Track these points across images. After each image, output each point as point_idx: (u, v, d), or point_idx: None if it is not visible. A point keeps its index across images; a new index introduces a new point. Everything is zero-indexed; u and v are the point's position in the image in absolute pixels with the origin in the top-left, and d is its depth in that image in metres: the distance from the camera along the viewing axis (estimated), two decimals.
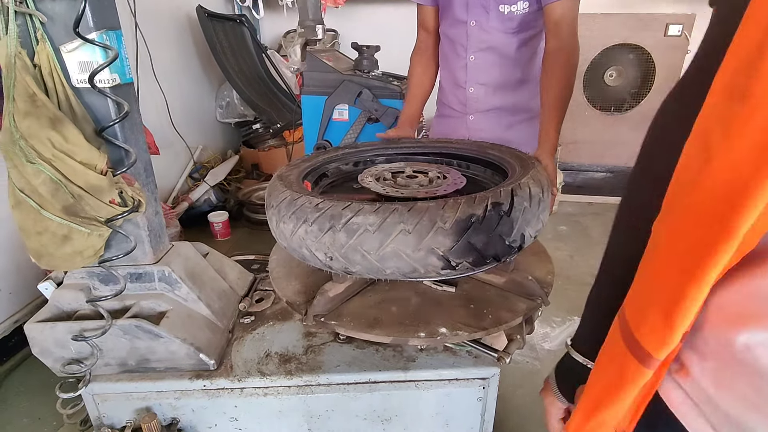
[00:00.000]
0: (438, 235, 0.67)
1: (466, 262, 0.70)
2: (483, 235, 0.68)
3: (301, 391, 0.93)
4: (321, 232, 0.70)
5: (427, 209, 0.67)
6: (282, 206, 0.76)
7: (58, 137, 0.74)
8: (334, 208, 0.70)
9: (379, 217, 0.67)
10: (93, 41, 0.76)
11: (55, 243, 0.83)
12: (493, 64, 1.32)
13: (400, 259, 0.68)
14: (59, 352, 0.90)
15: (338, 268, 0.73)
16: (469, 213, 0.67)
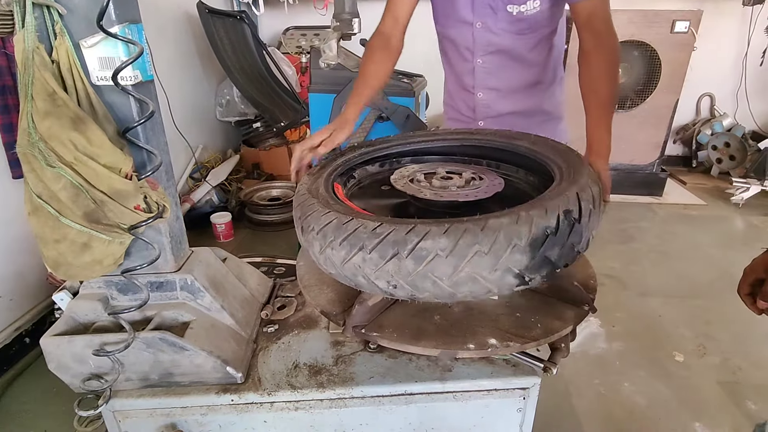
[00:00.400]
0: (515, 253, 0.62)
1: (540, 276, 0.66)
2: (557, 247, 0.65)
3: (334, 405, 0.88)
4: (383, 260, 0.64)
5: (501, 227, 0.62)
6: (328, 231, 0.69)
7: (81, 139, 0.68)
8: (396, 232, 0.63)
9: (451, 240, 0.61)
10: (116, 35, 0.71)
11: (74, 251, 0.78)
12: (503, 67, 1.23)
13: (476, 283, 0.63)
14: (78, 368, 0.84)
15: (402, 296, 0.68)
16: (543, 226, 0.63)
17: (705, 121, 4.09)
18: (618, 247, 2.82)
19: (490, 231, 0.62)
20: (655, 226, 3.15)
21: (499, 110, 1.30)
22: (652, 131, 3.46)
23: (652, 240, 2.94)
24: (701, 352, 1.88)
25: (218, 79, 3.52)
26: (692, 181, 3.96)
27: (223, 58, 3.00)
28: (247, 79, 3.16)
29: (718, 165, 3.94)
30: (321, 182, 0.89)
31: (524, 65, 1.22)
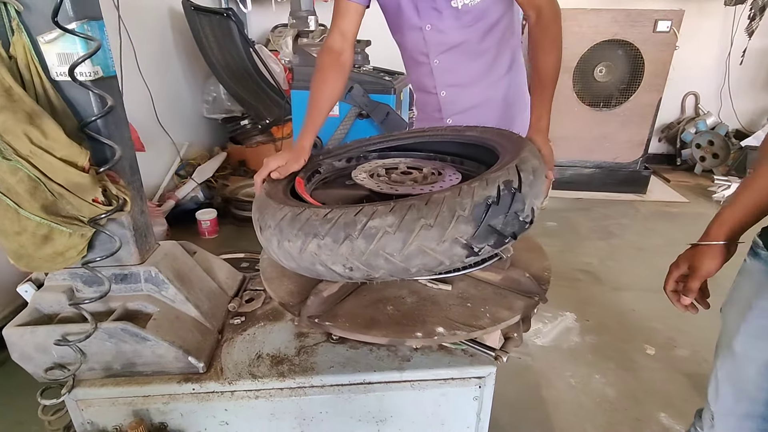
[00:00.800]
0: (460, 224, 0.65)
1: (488, 246, 0.69)
2: (501, 216, 0.68)
3: (294, 393, 0.91)
4: (336, 244, 0.66)
5: (444, 199, 0.65)
6: (284, 224, 0.71)
7: (36, 132, 0.70)
8: (345, 215, 0.66)
9: (397, 216, 0.64)
10: (73, 31, 0.73)
11: (35, 243, 0.80)
12: (458, 63, 1.24)
13: (426, 255, 0.66)
14: (40, 358, 0.86)
15: (359, 277, 0.70)
16: (485, 196, 0.66)
17: (689, 119, 4.14)
18: (597, 244, 2.86)
19: (433, 204, 0.65)
20: (636, 223, 3.20)
21: (464, 105, 1.32)
22: (635, 129, 3.50)
23: (631, 237, 2.98)
24: (672, 345, 1.92)
25: (205, 76, 3.52)
26: (676, 179, 4.01)
27: (208, 55, 3.01)
28: (233, 77, 3.17)
29: (702, 163, 3.99)
30: (280, 187, 0.91)
31: (478, 57, 1.23)
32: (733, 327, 0.84)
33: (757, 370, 0.80)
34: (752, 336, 0.80)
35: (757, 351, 0.80)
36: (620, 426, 1.53)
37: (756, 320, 0.79)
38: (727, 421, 0.87)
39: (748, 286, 0.81)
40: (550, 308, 2.15)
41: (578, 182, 3.67)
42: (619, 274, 2.49)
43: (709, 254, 0.84)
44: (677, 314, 2.02)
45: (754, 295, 0.79)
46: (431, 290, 0.87)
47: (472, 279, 0.90)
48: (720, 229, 0.84)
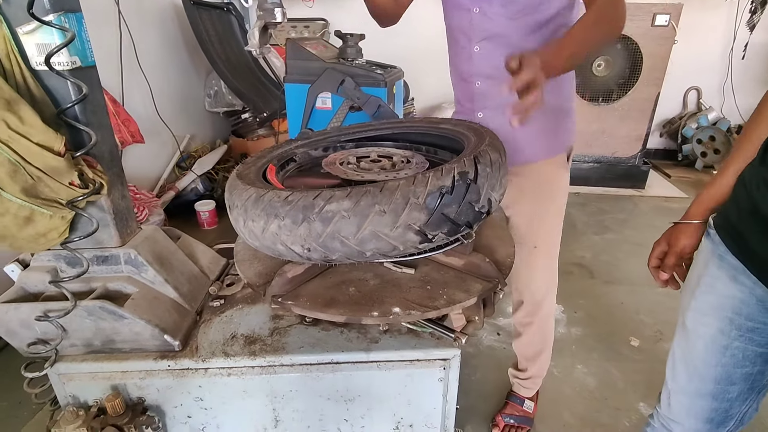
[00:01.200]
0: (413, 210, 0.68)
1: (442, 233, 0.72)
2: (455, 205, 0.70)
3: (265, 372, 0.95)
4: (295, 225, 0.70)
5: (398, 187, 0.68)
6: (248, 205, 0.75)
7: (13, 118, 0.74)
8: (305, 198, 0.69)
9: (353, 201, 0.67)
10: (49, 23, 0.77)
11: (18, 225, 0.84)
12: (499, 54, 1.18)
13: (380, 240, 0.69)
14: (25, 333, 0.91)
15: (318, 259, 0.73)
16: (438, 185, 0.69)
17: (691, 114, 4.11)
18: (592, 238, 2.86)
19: (388, 191, 0.68)
20: (633, 218, 3.19)
21: (497, 100, 1.25)
22: (634, 124, 3.49)
23: (628, 231, 2.98)
24: (657, 337, 1.93)
25: (207, 70, 3.57)
26: (676, 174, 3.99)
27: (208, 49, 3.05)
28: (233, 71, 3.21)
29: (703, 159, 3.96)
30: (253, 168, 0.95)
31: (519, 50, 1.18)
32: (684, 303, 0.86)
33: (704, 346, 0.82)
34: (700, 312, 0.82)
35: (703, 327, 0.82)
36: (598, 414, 1.55)
37: (702, 296, 0.82)
38: (681, 399, 0.90)
39: (699, 264, 0.84)
40: None
41: (576, 177, 3.67)
42: (612, 269, 2.50)
43: (685, 232, 0.89)
44: (666, 307, 2.05)
45: (702, 272, 0.81)
46: (395, 273, 0.91)
47: (435, 263, 0.93)
48: (698, 208, 0.88)
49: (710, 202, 0.86)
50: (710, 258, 0.80)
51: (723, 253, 0.78)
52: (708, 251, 0.81)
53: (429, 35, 3.81)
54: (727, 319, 0.79)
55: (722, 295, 0.79)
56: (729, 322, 0.79)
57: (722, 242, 0.78)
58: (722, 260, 0.78)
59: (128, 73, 2.57)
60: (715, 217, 0.82)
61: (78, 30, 0.83)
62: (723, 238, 0.78)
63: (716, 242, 0.79)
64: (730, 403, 0.85)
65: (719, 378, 0.83)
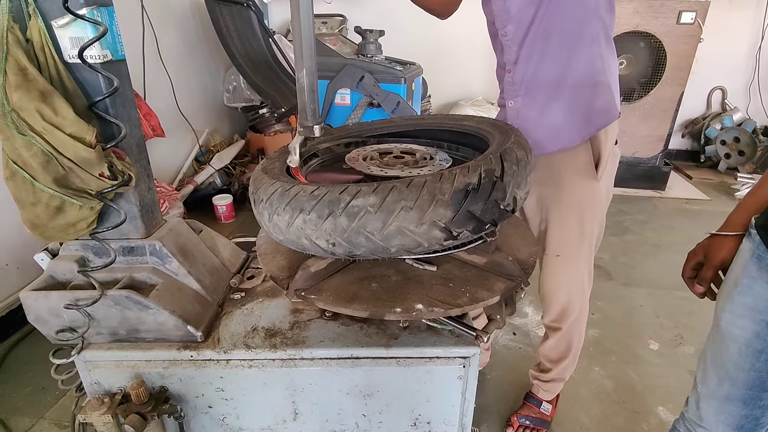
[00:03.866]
0: (439, 207, 0.68)
1: (467, 231, 0.71)
2: (480, 203, 0.70)
3: (285, 365, 0.96)
4: (321, 220, 0.70)
5: (425, 183, 0.68)
6: (274, 199, 0.76)
7: (47, 110, 0.76)
8: (331, 193, 0.70)
9: (379, 197, 0.67)
10: (83, 17, 0.78)
11: (49, 214, 0.86)
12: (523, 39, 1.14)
13: (405, 236, 0.69)
14: (53, 321, 0.93)
15: (342, 254, 0.74)
16: (465, 182, 0.69)
17: (715, 115, 4.01)
18: (611, 239, 2.82)
19: (414, 188, 0.68)
20: (653, 220, 3.14)
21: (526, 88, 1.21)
22: (655, 124, 3.42)
23: (647, 233, 2.93)
24: (677, 341, 1.90)
25: (226, 65, 3.60)
26: (698, 175, 3.90)
27: (228, 44, 3.08)
28: (252, 66, 3.23)
29: (726, 160, 3.87)
30: (278, 163, 0.95)
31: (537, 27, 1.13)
32: (720, 305, 0.84)
33: (738, 350, 0.80)
34: (735, 314, 0.80)
35: (738, 329, 0.80)
36: (615, 417, 1.53)
37: (739, 297, 0.79)
38: (710, 403, 0.88)
39: (737, 266, 0.81)
40: None
41: None
42: (631, 270, 2.47)
43: (725, 244, 0.85)
44: (687, 311, 2.01)
45: (740, 273, 0.79)
46: (417, 270, 0.90)
47: (457, 261, 0.93)
48: (739, 218, 0.84)
49: (752, 213, 0.82)
50: (749, 259, 0.77)
51: (762, 254, 0.75)
52: (747, 252, 0.78)
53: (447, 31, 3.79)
54: (764, 322, 0.77)
55: (760, 296, 0.77)
56: (766, 325, 0.77)
57: (762, 242, 0.76)
58: (761, 261, 0.75)
59: (150, 67, 2.61)
60: (758, 217, 0.79)
61: (110, 24, 0.85)
62: (763, 238, 0.76)
63: (756, 242, 0.77)
64: (762, 411, 0.83)
65: (752, 383, 0.81)
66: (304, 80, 0.90)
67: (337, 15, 3.95)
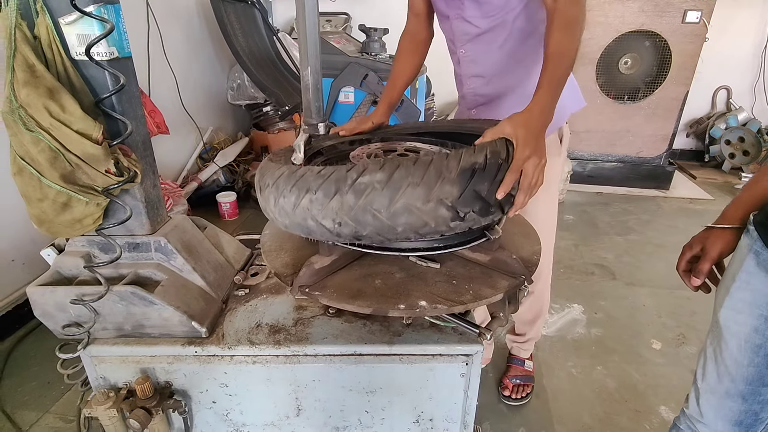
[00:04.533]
0: (445, 184, 0.68)
1: (473, 212, 0.71)
2: (487, 183, 0.70)
3: (289, 361, 0.96)
4: (327, 198, 0.70)
5: (431, 161, 0.69)
6: (280, 181, 0.76)
7: (55, 106, 0.77)
8: (338, 171, 0.70)
9: (386, 173, 0.68)
10: (90, 14, 0.79)
11: (56, 210, 0.87)
12: (482, 53, 1.24)
13: (411, 214, 0.69)
14: (59, 315, 0.94)
15: (348, 234, 0.73)
16: (471, 161, 0.69)
17: (720, 114, 3.99)
18: (614, 239, 2.82)
19: (421, 165, 0.68)
20: (656, 219, 3.13)
21: (487, 97, 1.31)
22: (660, 123, 3.41)
23: (650, 233, 2.92)
24: (680, 341, 1.90)
25: (230, 63, 3.61)
26: (702, 175, 3.89)
27: (232, 42, 3.08)
28: (256, 64, 3.24)
29: (731, 160, 3.86)
30: (283, 158, 0.96)
31: (501, 48, 1.22)
32: (719, 300, 0.84)
33: (737, 345, 0.81)
34: (734, 310, 0.81)
35: (737, 325, 0.80)
36: (618, 416, 1.54)
37: (737, 293, 0.80)
38: (710, 399, 0.88)
39: (735, 261, 0.82)
40: (558, 300, 2.15)
41: (599, 176, 3.61)
42: (634, 270, 2.46)
43: (722, 237, 0.86)
44: (690, 311, 2.01)
45: (738, 269, 0.80)
46: (420, 268, 0.91)
47: (460, 259, 0.93)
48: (736, 212, 0.85)
49: (749, 207, 0.83)
50: (747, 254, 0.78)
51: (760, 249, 0.76)
52: (745, 247, 0.79)
53: None
54: (762, 317, 0.77)
55: (758, 292, 0.77)
56: (765, 320, 0.77)
57: (760, 238, 0.76)
58: (759, 256, 0.76)
59: (155, 64, 2.62)
60: (756, 214, 0.80)
61: (116, 21, 0.85)
62: (761, 234, 0.76)
63: (754, 238, 0.77)
64: (761, 406, 0.84)
65: (751, 378, 0.82)
66: (309, 78, 0.90)
67: (341, 13, 3.95)
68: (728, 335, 0.82)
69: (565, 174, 3.23)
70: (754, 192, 0.83)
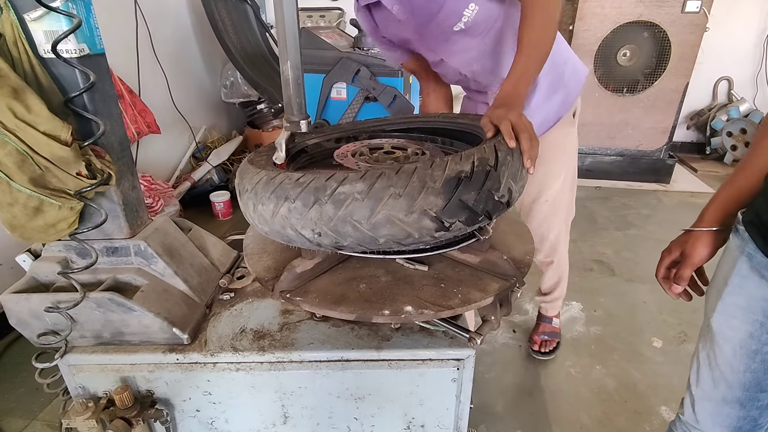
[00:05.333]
0: (429, 195, 0.64)
1: (459, 222, 0.68)
2: (473, 192, 0.67)
3: (273, 368, 0.93)
4: (306, 208, 0.67)
5: (415, 170, 0.65)
6: (259, 188, 0.73)
7: (20, 107, 0.73)
8: (317, 180, 0.67)
9: (367, 184, 0.64)
10: (56, 9, 0.75)
11: (27, 215, 0.83)
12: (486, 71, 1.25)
13: (393, 225, 0.66)
14: (35, 323, 0.91)
15: (328, 245, 0.71)
16: (457, 170, 0.65)
17: (721, 106, 3.94)
18: (614, 234, 2.78)
19: (404, 174, 0.64)
20: (656, 214, 3.09)
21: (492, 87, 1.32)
22: (660, 116, 3.36)
23: (651, 227, 2.88)
24: (681, 339, 1.86)
25: (223, 60, 3.57)
26: (704, 168, 3.84)
27: (223, 39, 3.04)
28: (249, 61, 3.20)
29: (733, 152, 3.81)
30: (265, 157, 0.92)
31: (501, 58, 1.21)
32: (711, 306, 0.81)
33: (732, 351, 0.77)
34: (727, 314, 0.77)
35: (731, 330, 0.77)
36: (617, 417, 1.50)
37: (729, 297, 0.76)
38: (706, 406, 0.85)
39: (726, 263, 0.78)
40: None
41: (598, 170, 3.57)
42: (634, 266, 2.42)
43: (702, 240, 0.81)
44: (691, 308, 1.98)
45: (730, 272, 0.76)
46: (408, 270, 0.87)
47: (450, 260, 0.90)
48: (715, 213, 0.80)
49: (729, 206, 0.78)
50: (739, 256, 0.74)
51: (753, 251, 0.72)
52: (736, 249, 0.75)
53: None
54: (757, 322, 0.74)
55: (752, 296, 0.73)
56: (760, 325, 0.74)
57: (751, 239, 0.72)
58: (752, 259, 0.72)
59: (144, 63, 2.58)
60: (745, 212, 0.76)
61: (86, 16, 0.81)
62: (752, 235, 0.72)
63: (745, 239, 0.73)
64: (759, 412, 0.80)
65: (748, 385, 0.78)
66: (290, 73, 0.87)
67: (335, 8, 3.90)
68: (722, 340, 0.79)
69: None
70: (732, 191, 0.78)
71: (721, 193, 0.80)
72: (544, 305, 1.83)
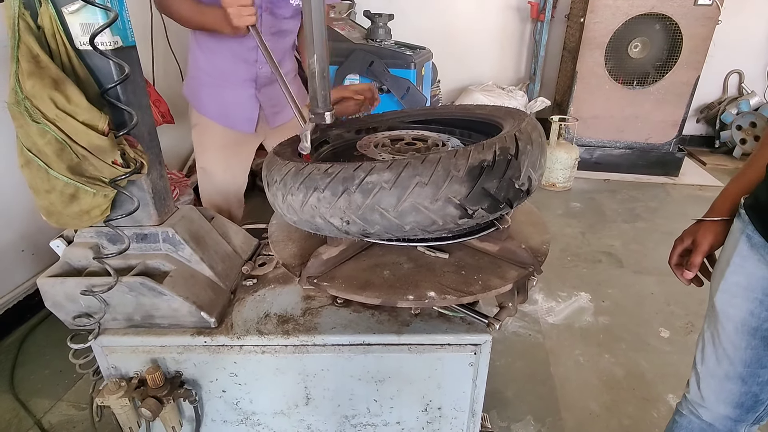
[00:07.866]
0: (453, 183, 0.67)
1: (482, 209, 0.71)
2: (495, 180, 0.69)
3: (297, 351, 0.97)
4: (335, 197, 0.70)
5: (439, 159, 0.67)
6: (288, 179, 0.75)
7: (60, 97, 0.76)
8: (345, 170, 0.69)
9: (394, 173, 0.67)
10: (93, 2, 0.77)
11: (63, 202, 0.87)
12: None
13: (419, 213, 0.69)
14: (70, 306, 0.95)
15: (356, 232, 0.73)
16: (480, 159, 0.68)
17: (731, 99, 3.92)
18: (622, 227, 2.79)
19: (429, 163, 0.67)
20: (665, 207, 3.10)
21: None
22: (670, 109, 3.36)
23: (659, 220, 2.90)
24: (688, 329, 1.89)
25: None
26: (713, 162, 3.84)
27: None
28: None
29: (742, 146, 3.80)
30: (289, 149, 0.95)
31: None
32: (714, 285, 0.85)
33: (734, 329, 0.81)
34: (729, 293, 0.81)
35: (732, 308, 0.81)
36: (625, 404, 1.54)
37: (732, 276, 0.80)
38: (710, 383, 0.89)
39: (729, 245, 0.82)
40: (565, 288, 2.14)
41: (607, 163, 3.57)
42: (642, 258, 2.45)
43: (712, 229, 0.86)
44: (699, 299, 2.00)
45: (732, 253, 0.80)
46: (429, 258, 0.90)
47: (469, 249, 0.92)
48: (725, 204, 0.85)
49: (738, 198, 0.83)
50: (740, 238, 0.78)
51: (752, 233, 0.76)
52: (738, 231, 0.79)
53: (458, 15, 3.73)
54: (757, 300, 0.78)
55: (752, 275, 0.77)
56: (759, 303, 0.78)
57: (751, 222, 0.76)
58: (751, 240, 0.76)
59: (159, 53, 2.60)
60: (747, 197, 0.80)
61: (120, 9, 0.84)
62: (751, 218, 0.76)
63: (745, 221, 0.77)
64: (760, 387, 0.84)
65: (749, 361, 0.82)
66: (315, 66, 0.89)
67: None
68: (724, 319, 0.83)
69: (573, 161, 3.20)
70: (741, 184, 0.83)
71: (730, 186, 0.86)
72: None
